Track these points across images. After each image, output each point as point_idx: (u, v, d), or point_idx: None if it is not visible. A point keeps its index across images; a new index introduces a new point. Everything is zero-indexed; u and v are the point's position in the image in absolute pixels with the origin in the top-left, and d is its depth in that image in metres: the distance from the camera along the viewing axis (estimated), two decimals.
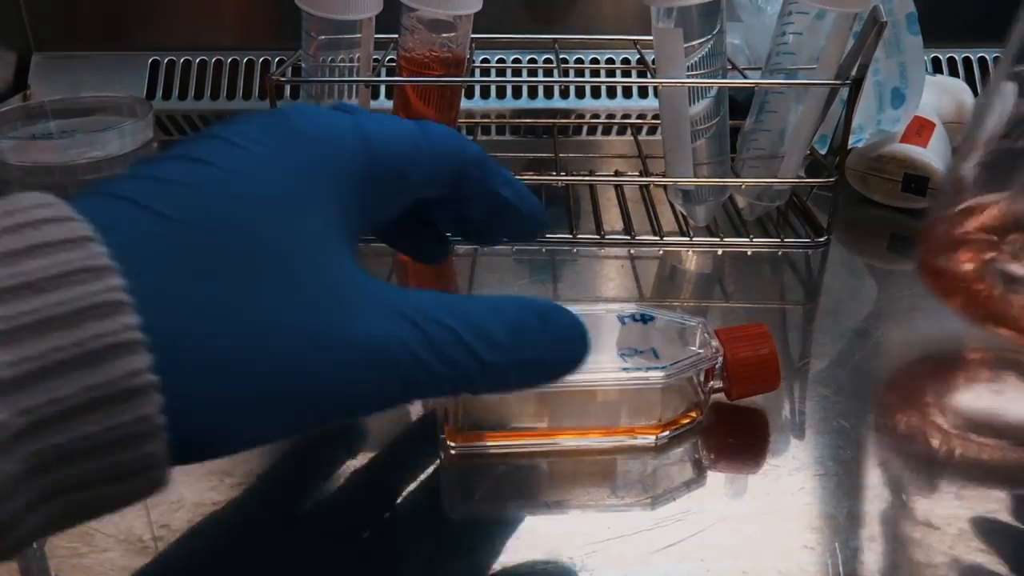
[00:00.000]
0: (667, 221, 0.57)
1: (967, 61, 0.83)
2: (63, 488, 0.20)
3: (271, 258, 0.24)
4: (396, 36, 0.52)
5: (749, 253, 0.54)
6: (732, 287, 0.50)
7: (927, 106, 0.61)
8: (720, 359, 0.36)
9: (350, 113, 0.29)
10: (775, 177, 0.54)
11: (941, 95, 0.66)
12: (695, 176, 0.52)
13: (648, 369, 0.34)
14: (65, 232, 0.21)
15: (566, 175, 0.61)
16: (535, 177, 0.61)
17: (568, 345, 0.28)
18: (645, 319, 0.37)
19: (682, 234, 0.55)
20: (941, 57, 0.82)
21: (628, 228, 0.56)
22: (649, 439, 0.35)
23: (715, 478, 0.34)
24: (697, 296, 0.49)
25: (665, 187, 0.56)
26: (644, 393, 0.34)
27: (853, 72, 0.50)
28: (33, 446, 0.19)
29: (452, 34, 0.50)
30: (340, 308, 0.24)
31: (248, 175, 0.25)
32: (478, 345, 0.26)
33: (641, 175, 0.63)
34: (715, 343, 0.36)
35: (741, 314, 0.47)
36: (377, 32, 0.52)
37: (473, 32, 0.52)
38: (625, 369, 0.34)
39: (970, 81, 0.80)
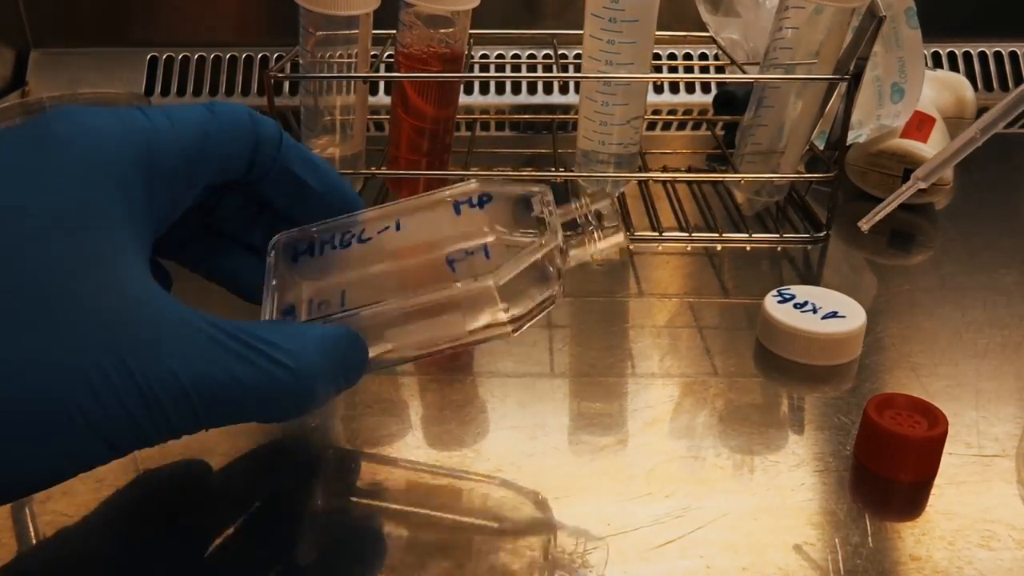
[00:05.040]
0: (666, 217, 0.56)
1: (967, 56, 0.82)
2: None
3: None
4: (394, 32, 0.52)
5: (748, 248, 0.54)
6: (731, 283, 0.50)
7: (927, 101, 0.61)
8: (559, 239, 0.32)
9: (135, 110, 0.28)
10: (774, 172, 0.54)
11: (941, 90, 0.66)
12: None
13: (477, 279, 0.30)
14: None
15: (565, 171, 0.61)
16: (534, 174, 0.61)
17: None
18: (482, 202, 0.33)
19: (681, 229, 0.55)
20: (941, 52, 0.82)
21: (627, 224, 0.56)
22: (505, 329, 0.32)
23: (715, 474, 0.34)
24: (696, 291, 0.49)
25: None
26: (482, 297, 0.31)
27: (851, 67, 0.49)
28: None
29: (450, 30, 0.50)
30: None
31: None
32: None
33: (640, 171, 0.62)
34: (559, 212, 0.33)
35: (740, 310, 0.47)
36: (375, 28, 0.52)
37: (471, 28, 0.52)
38: (456, 284, 0.31)
39: (970, 76, 0.80)
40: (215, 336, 0.26)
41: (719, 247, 0.54)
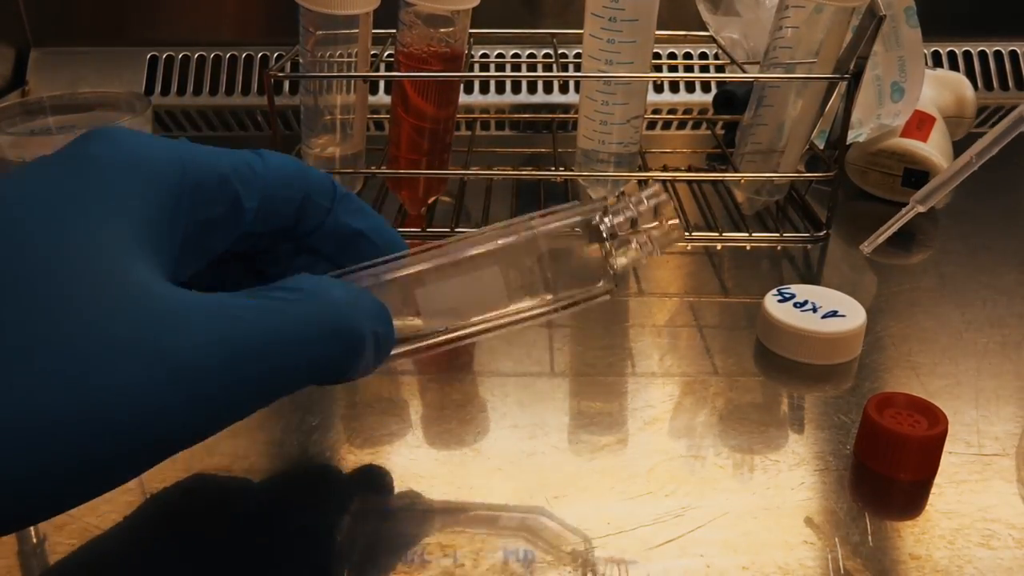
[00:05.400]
0: None
1: (967, 55, 0.82)
2: None
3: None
4: (394, 31, 0.52)
5: (748, 248, 0.54)
6: (731, 282, 0.50)
7: (927, 100, 0.61)
8: (628, 209, 0.30)
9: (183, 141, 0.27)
10: (774, 171, 0.54)
11: (941, 89, 0.66)
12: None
13: (521, 234, 0.29)
14: None
15: (564, 170, 0.61)
16: (534, 173, 0.61)
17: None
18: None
19: None
20: (941, 51, 0.82)
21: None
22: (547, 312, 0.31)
23: (715, 474, 0.34)
24: (696, 291, 0.49)
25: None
26: (523, 253, 0.29)
27: (851, 66, 0.49)
28: None
29: (450, 29, 0.50)
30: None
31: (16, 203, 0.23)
32: None
33: (640, 170, 0.62)
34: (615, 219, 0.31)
35: (740, 309, 0.47)
36: (375, 28, 0.52)
37: (471, 27, 0.52)
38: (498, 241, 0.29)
39: (970, 75, 0.80)
40: (228, 301, 0.24)
41: (719, 246, 0.54)
